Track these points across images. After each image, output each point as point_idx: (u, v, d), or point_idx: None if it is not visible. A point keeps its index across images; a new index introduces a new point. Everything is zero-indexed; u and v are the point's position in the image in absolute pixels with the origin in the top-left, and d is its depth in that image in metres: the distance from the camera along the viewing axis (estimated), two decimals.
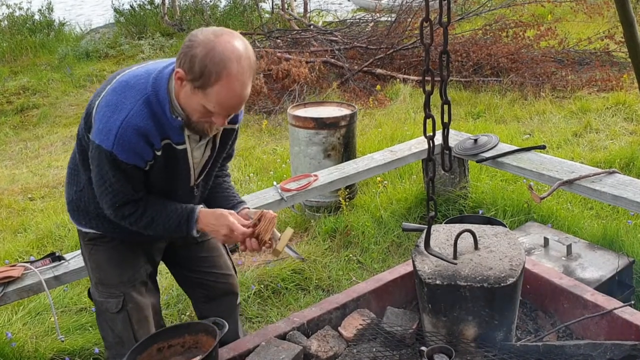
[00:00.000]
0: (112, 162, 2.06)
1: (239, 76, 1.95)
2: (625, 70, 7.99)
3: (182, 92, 2.04)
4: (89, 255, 2.47)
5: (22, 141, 7.69)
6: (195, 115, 2.07)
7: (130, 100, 2.04)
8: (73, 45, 12.34)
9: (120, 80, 2.11)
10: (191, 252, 2.64)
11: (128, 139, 2.02)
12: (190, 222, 2.24)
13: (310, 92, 8.02)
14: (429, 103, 2.15)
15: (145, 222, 2.22)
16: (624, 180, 3.54)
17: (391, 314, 2.53)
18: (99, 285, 2.43)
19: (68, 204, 2.44)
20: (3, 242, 4.81)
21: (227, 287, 2.73)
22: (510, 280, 2.15)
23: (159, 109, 2.06)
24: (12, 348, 3.27)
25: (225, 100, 1.99)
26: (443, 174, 4.60)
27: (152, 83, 2.07)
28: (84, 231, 2.43)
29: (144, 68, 2.16)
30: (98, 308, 2.47)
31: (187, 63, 1.95)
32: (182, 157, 2.19)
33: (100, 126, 2.05)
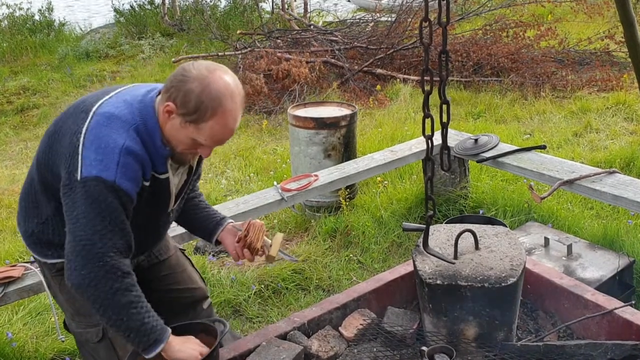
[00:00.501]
0: (115, 195, 1.93)
1: (233, 112, 1.98)
2: (626, 70, 7.99)
3: (168, 124, 2.02)
4: (59, 287, 2.29)
5: (22, 141, 7.69)
6: (181, 147, 2.06)
7: (121, 130, 1.97)
8: (73, 45, 12.33)
9: (101, 113, 2.01)
10: (153, 273, 2.53)
11: (130, 166, 1.95)
12: (153, 348, 2.02)
13: (311, 92, 8.02)
14: (428, 103, 2.15)
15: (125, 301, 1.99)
16: (624, 180, 3.54)
17: (392, 313, 2.53)
18: (76, 317, 2.31)
19: (28, 237, 2.27)
20: (3, 242, 4.80)
21: (189, 301, 2.64)
22: (511, 280, 2.15)
23: (148, 138, 2.02)
24: (12, 348, 3.27)
25: (217, 135, 2.00)
26: (444, 174, 4.60)
27: (139, 112, 2.02)
28: (50, 263, 2.26)
29: (120, 98, 2.08)
30: (78, 340, 2.38)
31: (180, 97, 1.94)
32: (165, 186, 2.15)
33: (99, 158, 1.93)
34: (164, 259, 2.57)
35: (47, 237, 2.21)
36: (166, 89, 1.99)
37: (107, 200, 1.93)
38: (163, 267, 2.57)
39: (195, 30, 12.10)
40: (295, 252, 4.30)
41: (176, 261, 2.63)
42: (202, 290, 2.71)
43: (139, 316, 2.01)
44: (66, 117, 2.10)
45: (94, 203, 1.92)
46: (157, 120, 2.03)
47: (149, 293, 2.54)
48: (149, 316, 2.03)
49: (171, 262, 2.60)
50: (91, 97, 2.11)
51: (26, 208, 2.26)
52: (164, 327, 2.07)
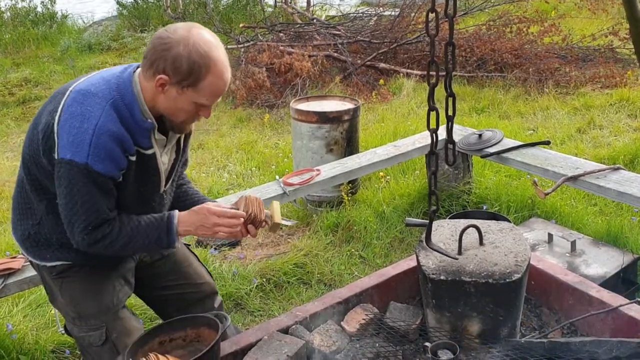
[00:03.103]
0: (87, 177, 1.93)
1: (223, 61, 1.99)
2: (630, 66, 7.95)
3: (162, 98, 2.00)
4: (60, 290, 2.27)
5: (23, 133, 7.64)
6: (182, 116, 2.05)
7: (96, 107, 1.95)
8: (75, 37, 12.31)
9: (78, 90, 2.00)
10: (157, 269, 2.52)
11: (103, 147, 1.92)
12: (171, 234, 2.12)
13: (313, 86, 8.00)
14: (433, 95, 2.12)
15: (122, 242, 2.06)
16: (629, 177, 3.52)
17: (394, 309, 2.51)
18: (77, 320, 2.28)
19: (23, 242, 2.24)
20: (4, 234, 4.79)
21: (200, 296, 2.61)
22: (516, 276, 2.13)
23: (126, 113, 1.98)
24: (12, 340, 3.26)
25: (217, 89, 2.00)
26: (447, 169, 4.58)
27: (116, 87, 2.00)
28: (49, 266, 2.24)
29: (97, 76, 2.07)
30: (80, 344, 2.33)
31: (169, 66, 1.92)
32: (152, 162, 2.12)
33: (70, 139, 1.91)
34: (167, 255, 2.54)
35: (44, 237, 2.20)
36: (150, 63, 1.96)
37: (79, 184, 1.94)
38: (167, 263, 2.54)
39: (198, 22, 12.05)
40: (297, 247, 4.29)
41: (182, 256, 2.59)
42: (210, 285, 2.66)
43: (140, 240, 2.09)
44: (44, 105, 2.10)
45: (69, 186, 1.95)
46: (135, 93, 2.01)
47: (154, 290, 2.55)
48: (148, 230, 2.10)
49: (176, 257, 2.56)
50: (70, 82, 2.12)
51: (19, 211, 2.23)
52: (163, 217, 2.13)
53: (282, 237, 4.56)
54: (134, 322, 2.36)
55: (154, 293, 2.59)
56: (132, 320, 2.36)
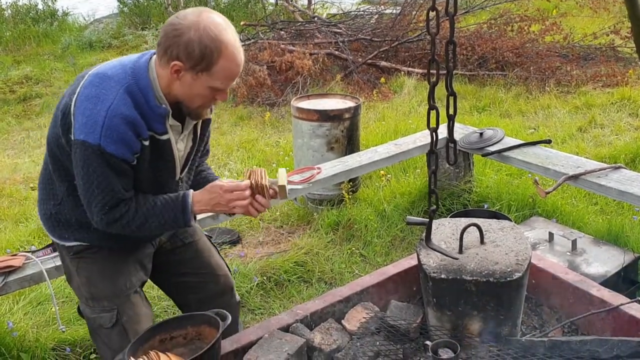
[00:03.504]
0: (100, 158, 1.97)
1: (235, 44, 1.99)
2: (631, 65, 7.95)
3: (178, 84, 2.02)
4: (76, 270, 2.33)
5: (24, 130, 7.67)
6: (198, 101, 2.07)
7: (111, 90, 1.98)
8: (76, 35, 12.30)
9: (95, 74, 2.04)
10: (177, 256, 2.54)
11: (115, 129, 1.95)
12: (186, 212, 2.15)
13: (314, 85, 7.99)
14: (434, 94, 2.11)
15: (138, 222, 2.11)
16: (630, 176, 3.51)
17: (395, 307, 2.51)
18: (90, 301, 2.32)
19: (46, 220, 2.31)
20: (4, 232, 4.79)
21: (220, 288, 2.62)
22: (517, 275, 2.13)
23: (141, 98, 2.01)
24: (13, 338, 3.26)
25: (230, 72, 2.01)
26: (448, 168, 4.58)
27: (131, 72, 2.03)
28: (68, 245, 2.30)
29: (116, 61, 2.12)
30: (91, 325, 2.37)
31: (182, 52, 1.94)
32: (167, 148, 2.14)
33: (84, 120, 1.96)
34: (189, 242, 2.57)
35: (65, 217, 2.25)
36: (163, 50, 1.98)
37: (93, 165, 1.98)
38: (189, 251, 2.57)
39: None
40: (297, 245, 4.29)
41: (203, 246, 2.62)
42: (229, 278, 2.69)
43: (156, 220, 2.13)
44: (68, 88, 2.15)
45: (84, 167, 2.00)
46: (150, 79, 2.03)
47: (173, 276, 2.59)
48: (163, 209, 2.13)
49: (197, 246, 2.60)
50: (91, 67, 2.15)
51: (44, 191, 2.30)
52: (178, 196, 2.16)
53: (282, 236, 4.56)
54: (144, 309, 2.39)
55: (173, 279, 2.62)
56: (143, 306, 2.39)
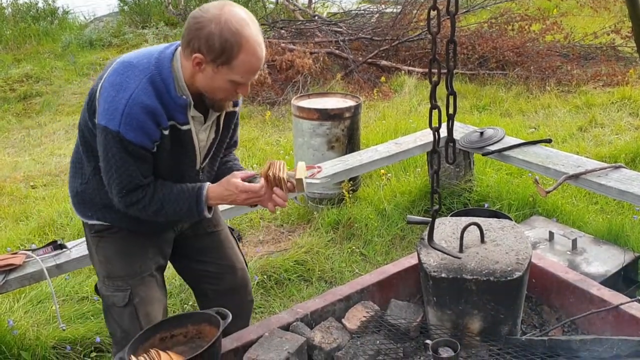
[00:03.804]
0: (119, 144, 2.02)
1: (256, 38, 2.01)
2: (631, 65, 7.94)
3: (200, 76, 2.05)
4: (95, 248, 2.41)
5: (24, 129, 7.67)
6: (220, 94, 2.10)
7: (134, 79, 2.03)
8: (76, 33, 12.29)
9: (121, 61, 2.10)
10: (200, 243, 2.59)
11: (135, 117, 2.00)
12: (200, 203, 2.20)
13: (314, 84, 7.99)
14: (435, 93, 2.11)
15: (154, 207, 2.17)
16: (630, 175, 3.52)
17: (395, 306, 2.51)
18: (106, 279, 2.38)
19: (73, 197, 2.38)
20: (5, 230, 4.80)
21: (236, 281, 2.65)
22: (517, 274, 2.13)
23: (163, 88, 2.05)
24: (13, 336, 3.26)
25: (251, 66, 2.03)
26: (448, 167, 4.58)
27: (155, 62, 2.06)
28: (90, 223, 2.38)
29: (144, 49, 2.17)
30: (105, 303, 2.42)
31: (203, 45, 1.96)
32: (187, 138, 2.17)
33: (106, 106, 2.02)
34: (212, 232, 2.61)
35: (89, 196, 2.31)
36: (186, 42, 2.02)
37: (113, 150, 2.05)
38: (211, 240, 2.61)
39: None
40: (298, 244, 4.29)
41: (225, 237, 2.66)
42: (246, 273, 2.73)
43: (171, 207, 2.18)
44: (104, 69, 2.20)
45: (105, 151, 2.07)
46: (173, 69, 2.07)
47: (193, 262, 2.63)
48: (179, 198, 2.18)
49: (220, 237, 2.64)
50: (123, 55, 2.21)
51: (73, 168, 2.36)
52: (194, 187, 2.21)
53: (282, 234, 4.56)
54: (157, 293, 2.43)
55: (193, 266, 2.65)
56: (157, 290, 2.43)
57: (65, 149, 6.70)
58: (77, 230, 4.53)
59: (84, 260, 3.01)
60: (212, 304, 2.56)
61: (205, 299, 2.67)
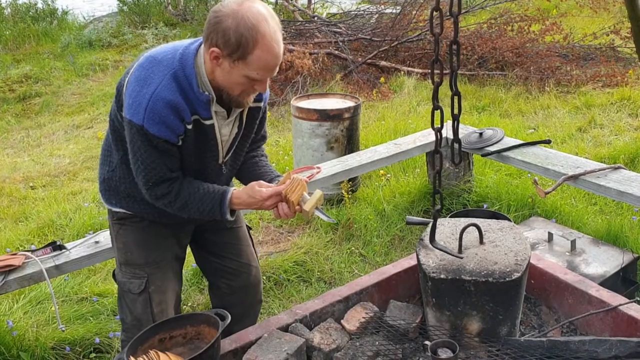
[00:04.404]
0: (144, 137, 2.07)
1: (273, 35, 2.00)
2: (631, 65, 7.95)
3: (219, 71, 2.06)
4: (116, 235, 2.48)
5: (24, 129, 7.67)
6: (238, 89, 2.10)
7: (158, 74, 2.06)
8: (76, 34, 12.29)
9: (147, 56, 2.13)
10: (219, 238, 2.66)
11: (158, 112, 2.04)
12: (223, 206, 2.24)
13: (314, 84, 7.99)
14: (438, 94, 2.12)
15: (179, 204, 2.22)
16: (629, 176, 3.52)
17: (394, 307, 2.51)
18: (124, 266, 2.44)
19: (100, 183, 2.45)
20: (4, 231, 4.79)
21: (250, 279, 2.73)
22: (516, 275, 2.13)
23: (186, 84, 2.08)
24: (13, 337, 3.26)
25: (267, 63, 2.02)
26: (447, 168, 4.58)
27: (179, 58, 2.09)
28: (114, 210, 2.45)
29: (171, 45, 2.19)
30: (120, 289, 2.47)
31: (220, 38, 1.98)
32: (210, 132, 2.20)
33: (130, 101, 2.07)
34: (231, 227, 2.66)
35: (115, 184, 2.38)
36: (206, 36, 2.03)
37: (138, 144, 2.10)
38: (229, 236, 2.67)
39: (198, 20, 12.06)
40: (297, 244, 4.29)
41: (244, 234, 2.72)
42: (259, 271, 2.80)
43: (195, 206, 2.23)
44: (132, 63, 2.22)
45: (131, 143, 2.13)
46: (196, 65, 2.09)
47: (210, 255, 2.70)
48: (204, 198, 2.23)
49: (239, 234, 2.69)
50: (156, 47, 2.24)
51: (103, 156, 2.43)
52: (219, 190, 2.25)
53: (282, 235, 4.56)
54: (172, 283, 2.49)
55: (211, 259, 2.71)
56: (172, 280, 2.48)
57: (65, 149, 6.70)
58: (77, 230, 4.54)
59: (84, 261, 3.01)
60: (225, 299, 2.67)
61: (218, 292, 2.75)
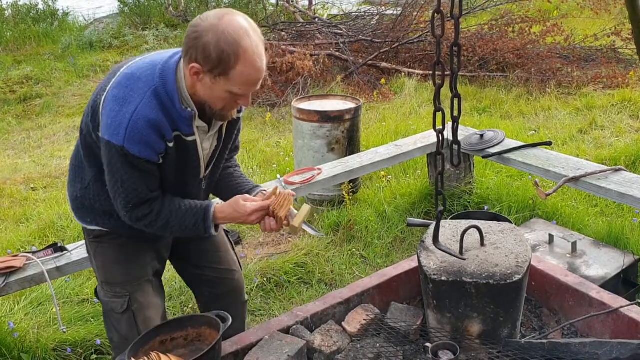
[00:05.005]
0: (124, 159, 2.00)
1: (255, 49, 1.94)
2: (632, 67, 7.95)
3: (199, 86, 2.00)
4: (94, 253, 2.41)
5: (24, 131, 7.67)
6: (220, 104, 2.05)
7: (138, 92, 1.99)
8: (77, 35, 12.30)
9: (125, 73, 2.06)
10: (197, 248, 2.60)
11: (139, 132, 1.97)
12: (207, 221, 2.19)
13: (314, 86, 7.99)
14: (439, 96, 2.12)
15: (160, 224, 2.16)
16: (630, 178, 3.52)
17: (395, 309, 2.51)
18: (105, 285, 2.39)
19: (72, 201, 2.36)
20: (5, 232, 4.80)
21: (233, 284, 2.69)
22: (517, 277, 2.13)
23: (167, 100, 2.01)
24: (14, 338, 3.26)
25: (249, 78, 1.97)
26: (449, 169, 4.58)
27: (159, 74, 2.02)
28: (90, 229, 2.37)
29: (148, 59, 2.11)
30: (104, 308, 2.43)
31: (200, 54, 1.92)
32: (193, 148, 2.15)
33: (109, 121, 1.99)
34: (209, 235, 2.57)
35: (89, 202, 2.29)
36: (185, 52, 1.97)
37: (117, 165, 2.03)
38: (207, 244, 2.61)
39: None
40: (298, 246, 4.29)
41: (221, 240, 2.68)
42: (242, 275, 2.76)
43: (178, 223, 2.17)
44: (103, 80, 2.17)
45: (109, 165, 2.06)
46: (177, 81, 2.03)
47: (190, 267, 2.66)
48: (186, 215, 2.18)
49: (217, 241, 2.65)
50: (127, 61, 2.17)
51: (73, 172, 2.34)
52: (202, 205, 2.21)
53: (282, 237, 4.56)
54: (155, 299, 2.43)
55: (191, 270, 2.68)
56: (154, 296, 2.43)
57: (66, 150, 6.70)
58: (78, 232, 4.54)
59: (85, 263, 3.01)
60: (210, 305, 2.62)
61: (203, 299, 2.73)
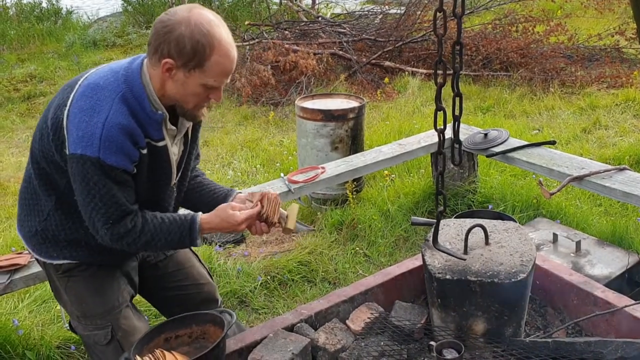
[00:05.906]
0: (100, 170, 1.91)
1: (228, 39, 1.95)
2: (636, 66, 7.94)
3: (170, 84, 1.96)
4: (65, 288, 2.26)
5: (28, 129, 7.68)
6: (193, 101, 2.01)
7: (106, 100, 1.92)
8: (80, 33, 12.30)
9: (87, 84, 1.97)
10: (161, 270, 2.51)
11: (114, 140, 1.89)
12: (193, 233, 2.11)
13: (318, 84, 7.99)
14: (441, 95, 2.12)
15: (144, 239, 2.05)
16: (634, 177, 3.51)
17: (399, 308, 2.51)
18: (82, 319, 2.26)
19: (31, 238, 2.22)
20: (10, 230, 4.80)
21: (204, 296, 2.58)
22: (521, 276, 2.13)
23: (136, 105, 1.95)
24: (18, 335, 3.27)
25: (224, 68, 1.95)
26: (452, 168, 4.58)
27: (124, 80, 1.96)
28: (56, 264, 2.22)
29: (106, 68, 2.04)
30: (86, 342, 2.33)
31: (174, 48, 1.89)
32: (164, 154, 2.08)
33: (80, 134, 1.89)
34: (171, 254, 2.53)
35: (52, 233, 2.17)
36: (154, 49, 1.92)
37: (94, 179, 1.92)
38: (170, 263, 2.53)
39: None
40: (301, 244, 4.29)
41: (183, 256, 2.58)
42: (212, 286, 2.65)
43: (162, 238, 2.08)
44: (52, 99, 2.08)
45: (84, 181, 1.93)
46: (143, 84, 1.97)
47: (158, 290, 2.55)
48: (171, 228, 2.09)
49: (179, 258, 2.55)
50: (78, 75, 2.08)
51: (27, 207, 2.21)
52: (187, 216, 2.14)
53: (286, 235, 4.56)
54: (137, 322, 2.34)
55: (158, 294, 2.58)
56: (136, 319, 2.34)
57: None
58: None
59: None
60: None
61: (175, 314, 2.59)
